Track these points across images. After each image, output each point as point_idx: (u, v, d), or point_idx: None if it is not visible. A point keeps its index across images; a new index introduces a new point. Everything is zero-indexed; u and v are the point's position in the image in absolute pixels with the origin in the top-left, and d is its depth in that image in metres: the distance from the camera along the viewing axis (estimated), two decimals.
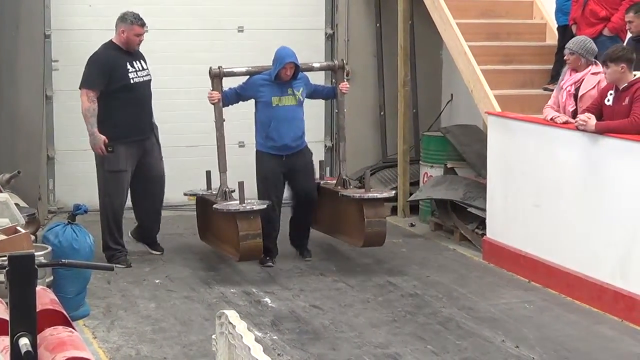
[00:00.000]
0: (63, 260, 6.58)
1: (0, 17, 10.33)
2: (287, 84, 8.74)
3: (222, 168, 8.84)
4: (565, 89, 8.39)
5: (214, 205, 8.45)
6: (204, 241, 9.31)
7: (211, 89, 8.84)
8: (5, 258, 4.13)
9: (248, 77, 8.98)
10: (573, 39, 8.58)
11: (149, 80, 8.97)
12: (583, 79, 8.30)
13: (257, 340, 3.99)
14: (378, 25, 11.94)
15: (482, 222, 9.34)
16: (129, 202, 9.12)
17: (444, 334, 7.14)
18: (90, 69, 8.69)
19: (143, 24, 8.78)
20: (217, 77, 8.80)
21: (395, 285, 8.27)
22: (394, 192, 9.09)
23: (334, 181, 9.29)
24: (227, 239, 8.65)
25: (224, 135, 8.95)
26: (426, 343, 6.94)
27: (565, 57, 8.41)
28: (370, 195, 8.59)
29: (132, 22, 8.71)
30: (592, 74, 8.29)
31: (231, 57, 9.64)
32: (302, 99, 8.85)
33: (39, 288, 4.71)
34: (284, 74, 8.64)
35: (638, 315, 7.31)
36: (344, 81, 9.19)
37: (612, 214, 7.63)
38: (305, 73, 9.04)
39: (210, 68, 8.81)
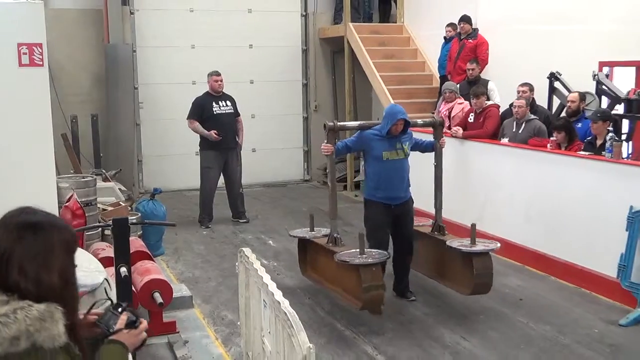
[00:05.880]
0: (146, 221, 6.57)
1: (107, 77, 10.26)
2: (396, 139, 5.87)
3: (332, 215, 5.95)
4: (443, 112, 8.41)
5: (336, 256, 5.49)
6: (306, 277, 6.41)
7: (325, 141, 5.85)
8: (111, 220, 4.11)
9: (359, 130, 6.06)
10: (448, 83, 8.60)
11: (231, 113, 8.61)
12: (453, 107, 8.35)
13: (262, 265, 3.99)
14: (333, 77, 11.89)
15: None
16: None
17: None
18: (191, 106, 8.61)
19: (218, 74, 8.67)
20: (332, 130, 5.81)
21: (346, 232, 8.14)
22: (498, 244, 5.81)
23: (423, 222, 6.52)
24: (345, 286, 5.67)
25: (335, 184, 6.09)
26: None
27: (446, 95, 8.41)
28: (480, 249, 5.69)
29: (211, 74, 8.70)
30: (459, 103, 8.34)
31: (245, 101, 9.10)
32: (409, 153, 6.01)
33: (132, 238, 4.70)
34: (394, 130, 5.82)
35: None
36: (442, 137, 6.28)
37: (472, 185, 7.68)
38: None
39: (326, 123, 5.85)
